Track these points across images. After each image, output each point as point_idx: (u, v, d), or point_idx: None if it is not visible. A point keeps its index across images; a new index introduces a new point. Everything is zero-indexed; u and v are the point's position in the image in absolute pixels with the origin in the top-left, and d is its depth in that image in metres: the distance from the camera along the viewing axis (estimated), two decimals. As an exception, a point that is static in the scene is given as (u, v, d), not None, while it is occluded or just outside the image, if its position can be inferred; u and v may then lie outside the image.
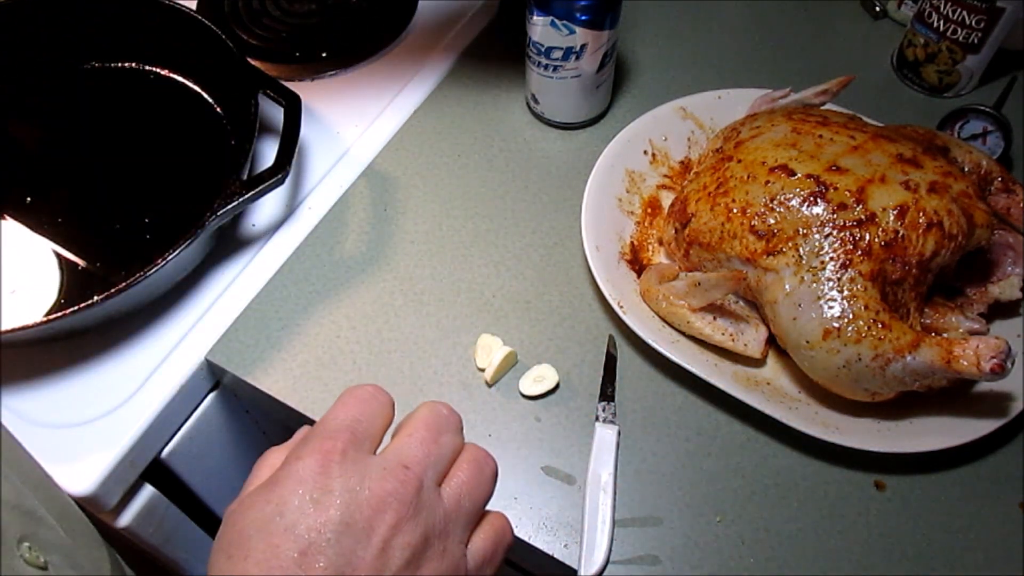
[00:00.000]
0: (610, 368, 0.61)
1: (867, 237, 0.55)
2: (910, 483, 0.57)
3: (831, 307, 0.54)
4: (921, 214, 0.55)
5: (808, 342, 0.55)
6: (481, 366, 0.61)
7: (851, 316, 0.54)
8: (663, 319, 0.61)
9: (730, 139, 0.65)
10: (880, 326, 0.53)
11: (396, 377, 0.61)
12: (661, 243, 0.67)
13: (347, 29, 0.82)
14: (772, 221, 0.57)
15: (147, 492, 0.62)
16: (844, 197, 0.56)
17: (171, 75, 0.76)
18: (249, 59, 0.70)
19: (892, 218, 0.55)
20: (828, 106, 0.69)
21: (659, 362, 0.62)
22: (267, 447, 0.38)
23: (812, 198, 0.56)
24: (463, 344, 0.63)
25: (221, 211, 0.60)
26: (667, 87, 0.79)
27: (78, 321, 0.57)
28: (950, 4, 0.73)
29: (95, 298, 0.55)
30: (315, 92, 0.77)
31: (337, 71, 0.79)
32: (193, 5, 0.80)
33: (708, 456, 0.58)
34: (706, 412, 0.60)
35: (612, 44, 0.70)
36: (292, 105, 0.67)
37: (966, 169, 0.64)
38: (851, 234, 0.55)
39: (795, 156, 0.59)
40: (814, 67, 0.81)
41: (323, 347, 0.62)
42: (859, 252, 0.55)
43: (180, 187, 0.69)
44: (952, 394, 0.58)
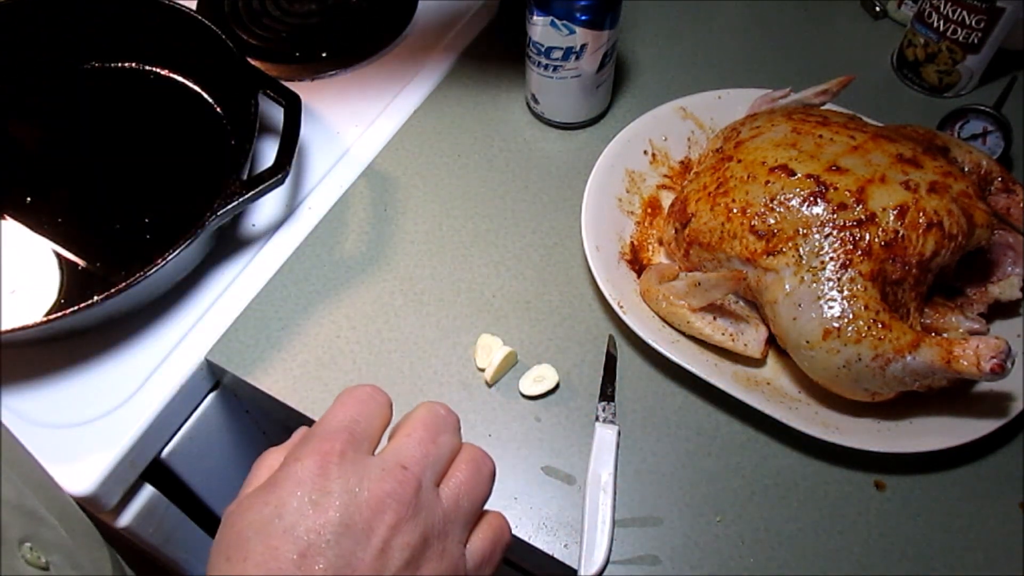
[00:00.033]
0: (610, 368, 0.62)
1: (867, 237, 0.55)
2: (910, 483, 0.57)
3: (831, 307, 0.54)
4: (921, 214, 0.55)
5: (808, 342, 0.55)
6: (481, 366, 0.61)
7: (851, 316, 0.54)
8: (663, 319, 0.61)
9: (730, 139, 0.65)
10: (880, 326, 0.53)
11: (396, 377, 0.61)
12: (661, 243, 0.67)
13: (347, 29, 0.82)
14: (772, 221, 0.57)
15: (147, 492, 0.62)
16: (844, 197, 0.56)
17: (171, 75, 0.76)
18: (249, 59, 0.71)
19: (892, 218, 0.55)
20: (828, 106, 0.69)
21: (659, 362, 0.62)
22: (267, 447, 0.38)
23: (812, 198, 0.56)
24: (463, 344, 0.63)
25: (221, 211, 0.60)
26: (667, 87, 0.79)
27: (78, 321, 0.57)
28: (950, 4, 0.73)
29: (95, 298, 0.55)
30: (315, 92, 0.77)
31: (337, 71, 0.79)
32: (193, 5, 0.80)
33: (708, 456, 0.58)
34: (706, 412, 0.60)
35: (612, 44, 0.70)
36: (292, 105, 0.67)
37: (966, 169, 0.64)
38: (851, 234, 0.55)
39: (795, 156, 0.59)
40: (814, 67, 0.81)
41: (323, 347, 0.62)
42: (859, 252, 0.55)
43: (180, 187, 0.70)
44: (952, 394, 0.58)
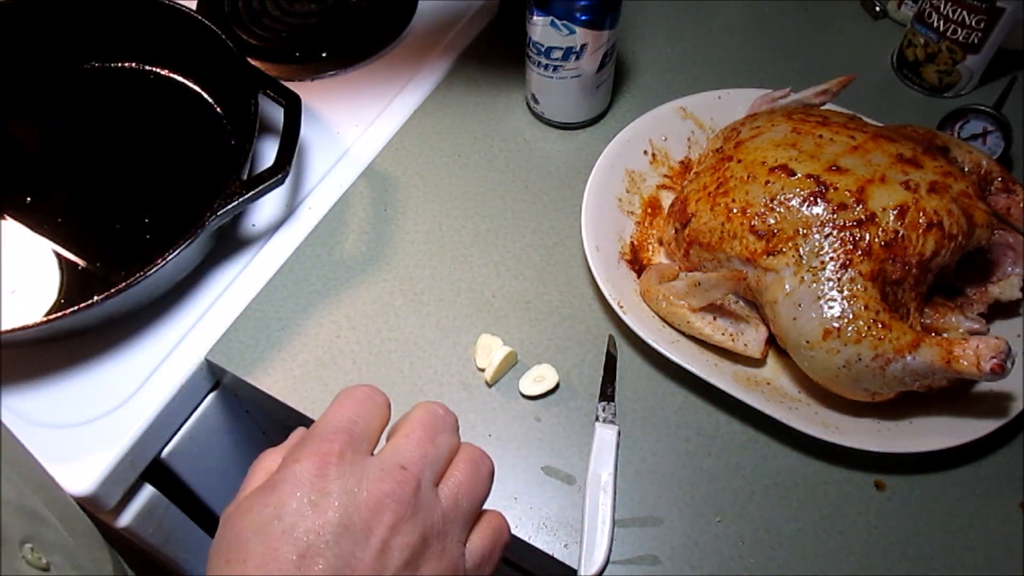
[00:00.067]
0: (610, 368, 0.62)
1: (867, 237, 0.55)
2: (910, 483, 0.57)
3: (831, 307, 0.54)
4: (921, 214, 0.55)
5: (808, 342, 0.55)
6: (481, 366, 0.61)
7: (851, 316, 0.54)
8: (663, 319, 0.61)
9: (730, 139, 0.65)
10: (880, 326, 0.53)
11: (396, 377, 0.61)
12: (661, 243, 0.67)
13: (347, 29, 0.82)
14: (772, 221, 0.57)
15: (147, 492, 0.62)
16: (844, 197, 0.56)
17: (171, 75, 0.76)
18: (249, 59, 0.71)
19: (892, 218, 0.55)
20: (828, 106, 0.69)
21: (659, 362, 0.62)
22: (267, 447, 0.38)
23: (812, 198, 0.56)
24: (463, 344, 0.63)
25: (221, 211, 0.60)
26: (667, 87, 0.79)
27: (78, 321, 0.57)
28: (950, 4, 0.73)
29: (95, 298, 0.55)
30: (315, 92, 0.77)
31: (337, 71, 0.79)
32: (193, 5, 0.80)
33: (708, 456, 0.58)
34: (706, 412, 0.60)
35: (612, 44, 0.70)
36: (292, 105, 0.67)
37: (966, 169, 0.64)
38: (851, 234, 0.55)
39: (795, 156, 0.59)
40: (814, 67, 0.81)
41: (323, 347, 0.62)
42: (859, 252, 0.55)
43: (180, 187, 0.70)
44: (952, 394, 0.58)
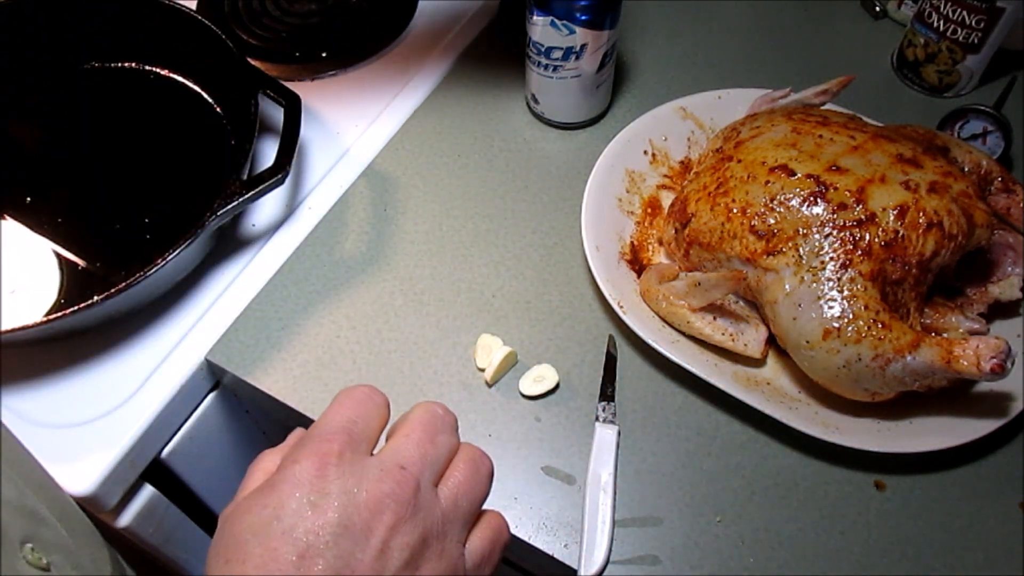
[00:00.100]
0: (610, 368, 0.62)
1: (867, 237, 0.55)
2: (910, 483, 0.57)
3: (831, 307, 0.54)
4: (921, 214, 0.55)
5: (808, 342, 0.55)
6: (481, 366, 0.61)
7: (851, 316, 0.54)
8: (663, 319, 0.61)
9: (730, 139, 0.65)
10: (880, 326, 0.53)
11: (396, 377, 0.61)
12: (661, 243, 0.67)
13: (347, 29, 0.82)
14: (772, 221, 0.57)
15: (147, 492, 0.62)
16: (844, 197, 0.56)
17: (171, 75, 0.76)
18: (249, 59, 0.71)
19: (892, 218, 0.55)
20: (828, 106, 0.69)
21: (659, 362, 0.62)
22: (267, 447, 0.38)
23: (812, 198, 0.56)
24: (463, 344, 0.63)
25: (221, 211, 0.60)
26: (667, 87, 0.79)
27: (78, 321, 0.57)
28: (950, 4, 0.73)
29: (95, 298, 0.55)
30: (315, 92, 0.77)
31: (337, 71, 0.79)
32: (193, 5, 0.80)
33: (708, 456, 0.58)
34: (706, 412, 0.60)
35: (612, 44, 0.70)
36: (292, 105, 0.67)
37: (966, 169, 0.64)
38: (851, 234, 0.55)
39: (795, 156, 0.59)
40: (814, 67, 0.81)
41: (323, 347, 0.62)
42: (859, 252, 0.55)
43: (180, 187, 0.70)
44: (952, 394, 0.58)
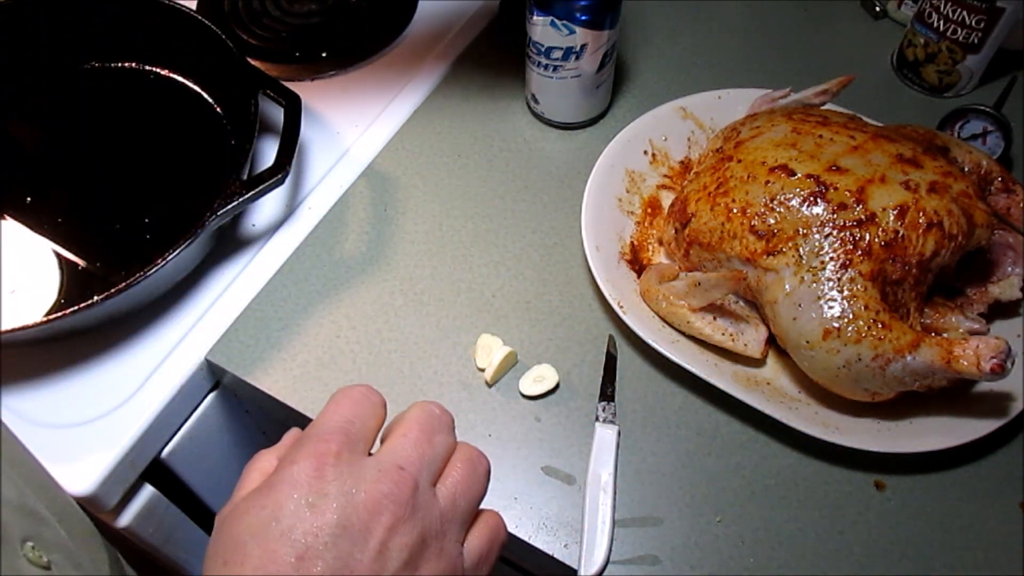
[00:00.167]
0: (610, 368, 0.61)
1: (867, 237, 0.55)
2: (910, 483, 0.57)
3: (831, 307, 0.54)
4: (921, 214, 0.55)
5: (808, 342, 0.55)
6: (481, 366, 0.61)
7: (851, 316, 0.54)
8: (663, 319, 0.61)
9: (730, 139, 0.65)
10: (880, 326, 0.53)
11: (396, 377, 0.61)
12: (661, 243, 0.67)
13: (347, 29, 0.82)
14: (772, 221, 0.57)
15: (147, 492, 0.62)
16: (844, 197, 0.56)
17: (171, 75, 0.76)
18: (249, 59, 0.71)
19: (892, 218, 0.55)
20: (828, 106, 0.69)
21: (659, 362, 0.62)
22: (267, 447, 0.38)
23: (812, 198, 0.56)
24: (463, 344, 0.63)
25: (221, 211, 0.60)
26: (667, 87, 0.79)
27: (78, 321, 0.57)
28: (950, 4, 0.73)
29: (95, 298, 0.55)
30: (315, 92, 0.77)
31: (337, 71, 0.79)
32: (193, 5, 0.80)
33: (708, 456, 0.58)
34: (706, 412, 0.60)
35: (612, 44, 0.70)
36: (292, 105, 0.67)
37: (966, 169, 0.63)
38: (851, 234, 0.55)
39: (795, 156, 0.59)
40: (814, 67, 0.81)
41: (323, 347, 0.62)
42: (859, 252, 0.55)
43: (180, 187, 0.70)
44: (952, 394, 0.58)
